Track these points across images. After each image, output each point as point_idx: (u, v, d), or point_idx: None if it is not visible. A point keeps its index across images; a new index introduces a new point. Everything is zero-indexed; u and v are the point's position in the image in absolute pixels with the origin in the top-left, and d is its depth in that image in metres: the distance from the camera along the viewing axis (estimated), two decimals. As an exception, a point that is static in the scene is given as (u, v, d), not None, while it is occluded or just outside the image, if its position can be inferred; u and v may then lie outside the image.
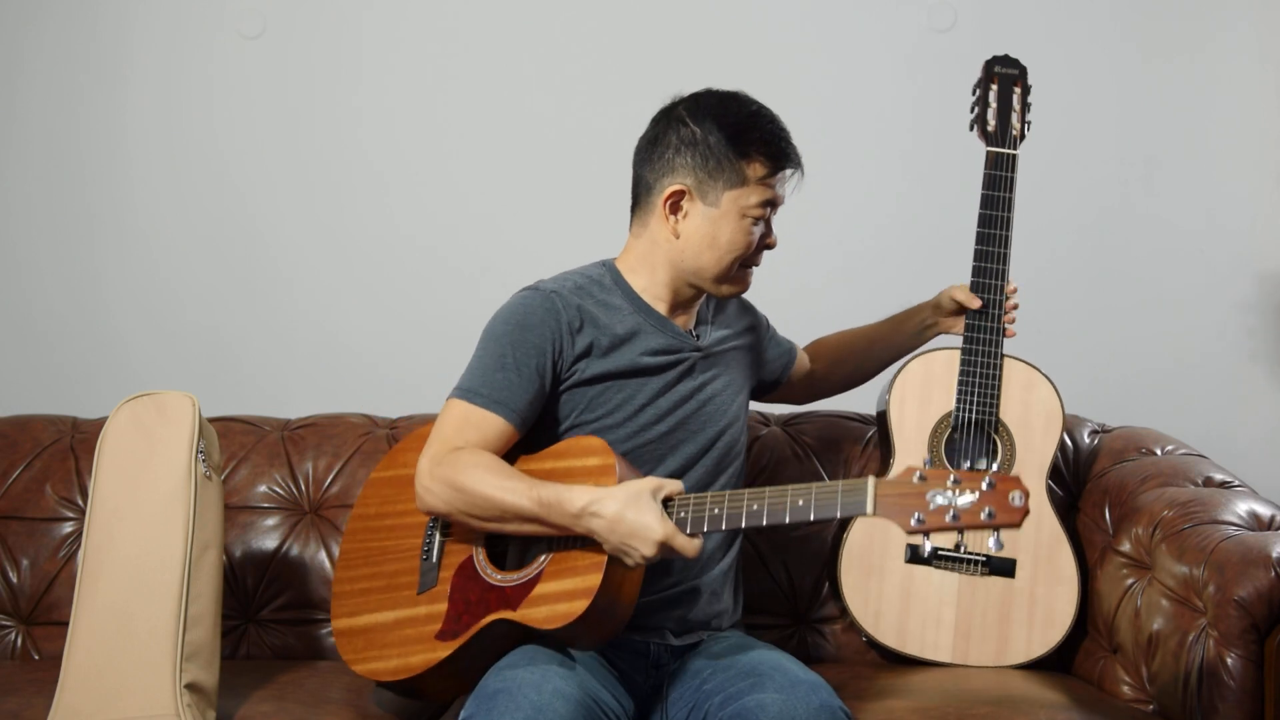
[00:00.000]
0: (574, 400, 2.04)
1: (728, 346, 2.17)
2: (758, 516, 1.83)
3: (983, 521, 1.70)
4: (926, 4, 2.94)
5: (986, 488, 1.71)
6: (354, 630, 2.01)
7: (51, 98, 2.96)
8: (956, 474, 1.73)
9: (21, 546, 2.41)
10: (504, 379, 1.97)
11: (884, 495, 1.76)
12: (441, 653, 1.91)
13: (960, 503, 1.71)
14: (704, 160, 2.01)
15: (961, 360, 2.32)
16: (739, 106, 2.05)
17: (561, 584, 1.88)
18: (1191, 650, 2.04)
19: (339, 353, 2.97)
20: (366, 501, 2.13)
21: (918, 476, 1.74)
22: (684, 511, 1.87)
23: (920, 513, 1.72)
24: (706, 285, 2.07)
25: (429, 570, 1.99)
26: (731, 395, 2.15)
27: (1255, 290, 2.94)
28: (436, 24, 2.97)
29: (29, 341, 2.98)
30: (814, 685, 1.83)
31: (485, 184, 2.97)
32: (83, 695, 1.93)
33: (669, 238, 2.04)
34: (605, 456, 1.92)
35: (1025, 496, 1.70)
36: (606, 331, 2.04)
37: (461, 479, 1.90)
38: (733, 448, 2.14)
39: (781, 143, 2.04)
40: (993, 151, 2.32)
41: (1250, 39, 2.94)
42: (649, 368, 2.05)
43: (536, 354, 1.99)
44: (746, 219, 2.02)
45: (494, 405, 1.97)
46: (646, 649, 2.03)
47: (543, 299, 2.02)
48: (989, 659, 2.25)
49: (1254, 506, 2.19)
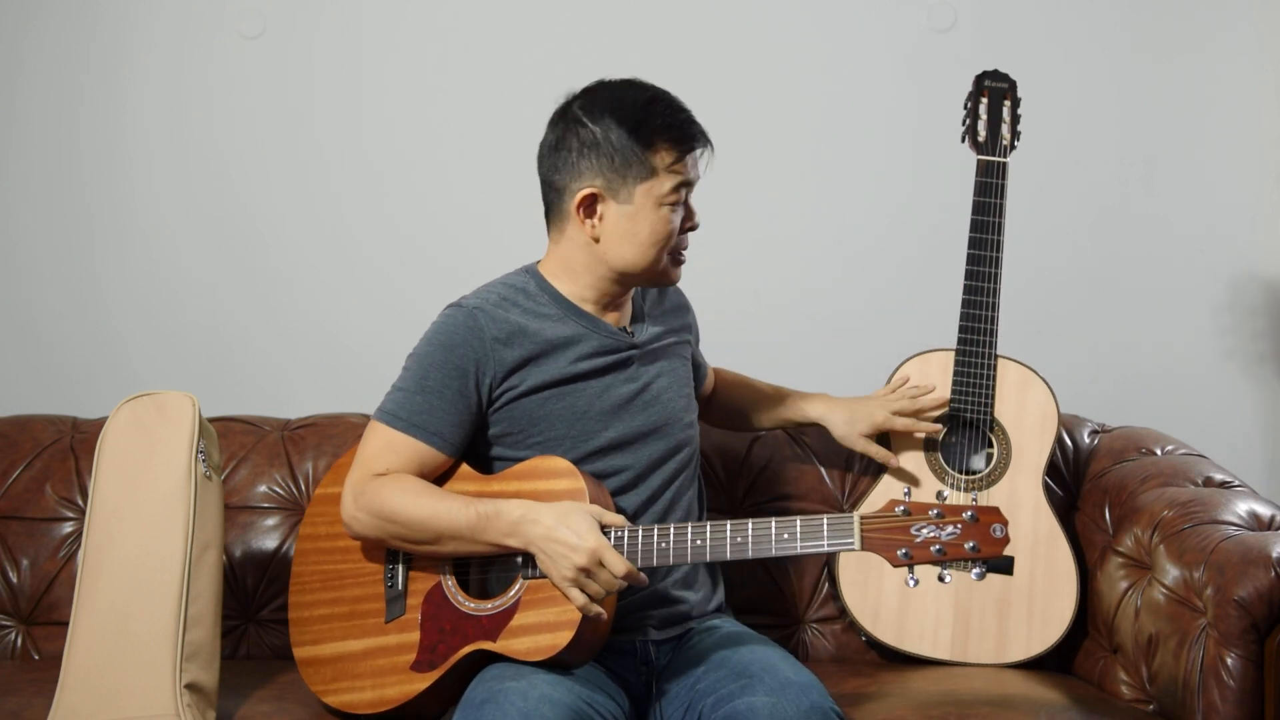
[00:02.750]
0: (514, 416, 2.00)
1: (667, 342, 2.14)
2: (742, 549, 1.85)
3: (967, 553, 1.78)
4: (926, 4, 2.94)
5: (969, 519, 1.79)
6: (320, 659, 1.99)
7: (51, 98, 2.96)
8: (938, 506, 1.79)
9: (21, 546, 2.41)
10: (424, 402, 1.95)
11: (869, 531, 1.81)
12: (419, 684, 1.90)
13: (944, 536, 1.79)
14: (609, 160, 1.97)
15: (956, 361, 2.33)
16: (634, 95, 2.00)
17: (542, 614, 1.86)
18: (1191, 650, 2.04)
19: (339, 353, 2.97)
20: (315, 520, 2.08)
21: (901, 510, 1.80)
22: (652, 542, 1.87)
23: (906, 548, 1.79)
24: (637, 281, 2.05)
25: (395, 598, 1.96)
26: (677, 389, 2.12)
27: (1256, 290, 2.94)
28: (436, 24, 2.96)
29: (29, 341, 2.98)
30: (804, 686, 1.83)
31: (485, 184, 2.97)
32: (83, 695, 1.93)
33: (588, 242, 2.01)
34: (574, 480, 1.91)
35: (1005, 527, 1.78)
36: (537, 339, 2.00)
37: (388, 507, 1.90)
38: (686, 445, 2.11)
39: (684, 125, 1.98)
40: (983, 160, 2.35)
41: (1250, 39, 2.94)
42: (586, 372, 2.02)
43: (459, 375, 1.96)
44: (664, 208, 1.99)
45: (414, 430, 1.95)
46: (633, 647, 2.02)
47: (465, 316, 1.99)
48: (988, 657, 2.25)
49: (1254, 506, 2.19)
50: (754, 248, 2.94)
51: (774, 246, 2.93)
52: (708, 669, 1.93)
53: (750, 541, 1.85)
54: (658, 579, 2.02)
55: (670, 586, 2.05)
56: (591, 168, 1.98)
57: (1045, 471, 2.33)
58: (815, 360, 2.90)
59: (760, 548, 1.85)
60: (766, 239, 2.91)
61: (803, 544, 1.84)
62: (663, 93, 2.01)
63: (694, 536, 1.86)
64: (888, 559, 1.79)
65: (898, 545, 1.79)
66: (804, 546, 1.83)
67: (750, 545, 1.85)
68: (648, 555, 1.86)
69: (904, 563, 1.79)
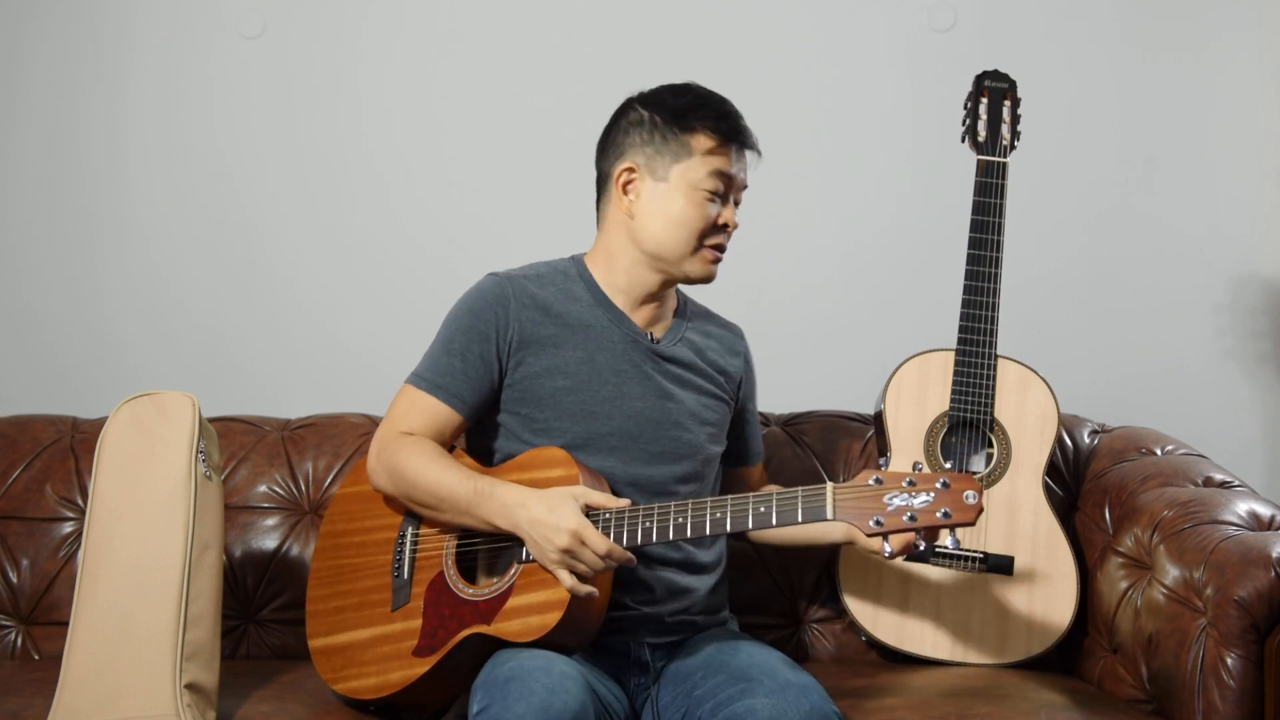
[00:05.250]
0: (521, 394, 2.05)
1: (698, 368, 2.12)
2: (720, 524, 1.87)
3: (939, 520, 1.78)
4: (926, 4, 2.94)
5: (940, 487, 1.78)
6: (331, 649, 2.04)
7: (51, 98, 2.96)
8: (911, 475, 1.80)
9: (21, 546, 2.41)
10: (448, 364, 2.04)
11: (842, 500, 1.81)
12: (419, 668, 1.93)
13: (915, 503, 1.78)
14: (650, 136, 2.04)
15: (956, 361, 2.33)
16: (689, 90, 2.08)
17: (533, 596, 1.90)
18: (1191, 650, 2.04)
19: (339, 353, 2.97)
20: (334, 518, 2.14)
21: (874, 479, 1.81)
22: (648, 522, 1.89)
23: (879, 515, 1.79)
24: (668, 266, 2.07)
25: (401, 587, 2.01)
26: (690, 420, 2.10)
27: (1256, 290, 2.94)
28: (436, 24, 2.97)
29: (29, 341, 2.98)
30: (804, 688, 1.83)
31: (485, 184, 2.97)
32: (82, 695, 1.93)
33: (624, 219, 2.07)
34: (569, 467, 1.96)
35: (979, 495, 1.78)
36: (559, 320, 2.06)
37: (402, 466, 1.99)
38: (695, 475, 2.10)
39: (729, 118, 2.05)
40: (983, 160, 2.35)
41: (1250, 39, 2.94)
42: (597, 359, 2.06)
43: (480, 339, 2.04)
44: (699, 192, 2.02)
45: (437, 390, 2.04)
46: (626, 649, 2.03)
47: (495, 283, 2.07)
48: (988, 657, 2.25)
49: (1254, 506, 2.19)
50: (754, 247, 2.93)
51: (774, 246, 2.93)
52: (705, 674, 1.93)
53: (729, 516, 1.87)
54: (658, 593, 2.04)
55: (669, 598, 2.06)
56: (634, 145, 2.06)
57: (1045, 471, 2.33)
58: (815, 361, 2.91)
59: (738, 522, 1.87)
60: (766, 239, 2.91)
61: (779, 515, 1.85)
62: (719, 95, 2.08)
63: (675, 515, 1.89)
64: (860, 528, 1.80)
65: (870, 514, 1.79)
66: (780, 518, 1.85)
67: (729, 520, 1.87)
68: (633, 535, 1.89)
69: (876, 531, 1.79)
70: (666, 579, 2.05)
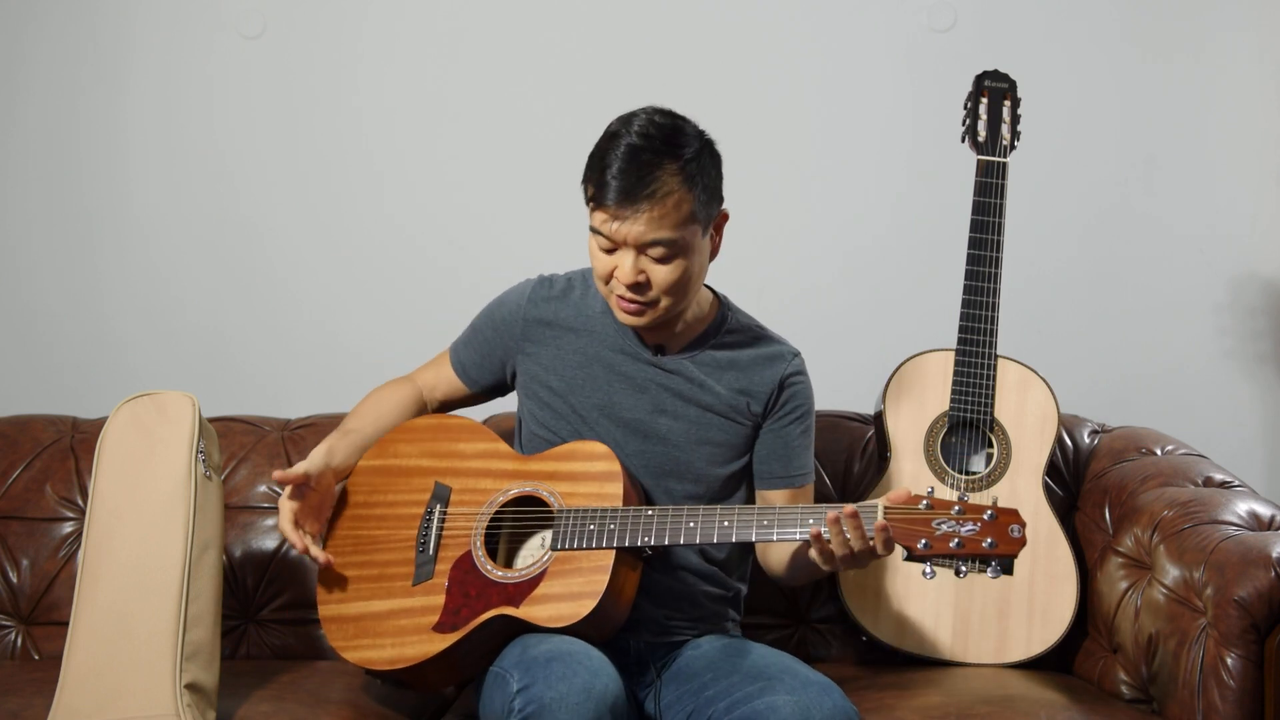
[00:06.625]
0: (527, 394, 2.15)
1: (702, 388, 2.09)
2: (768, 530, 1.90)
3: (984, 550, 1.81)
4: (926, 4, 2.94)
5: (988, 519, 1.81)
6: (344, 618, 2.03)
7: (51, 98, 2.96)
8: (960, 504, 1.82)
9: (21, 546, 2.41)
10: (468, 338, 2.23)
11: (894, 520, 1.83)
12: (439, 645, 1.93)
13: (964, 531, 1.82)
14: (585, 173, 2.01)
15: (956, 361, 2.33)
16: (610, 136, 1.97)
17: (567, 584, 1.91)
18: (1191, 650, 2.04)
19: (339, 353, 2.97)
20: (355, 489, 2.14)
21: (925, 504, 1.83)
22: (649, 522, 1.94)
23: (927, 539, 1.82)
24: None
25: (425, 563, 2.01)
26: (684, 438, 2.08)
27: (1256, 290, 2.94)
28: (437, 25, 2.96)
29: (29, 341, 2.98)
30: (825, 686, 1.84)
31: (486, 185, 2.97)
32: (82, 695, 1.93)
33: None
34: (610, 463, 2.00)
35: (1023, 529, 1.81)
36: (564, 326, 2.12)
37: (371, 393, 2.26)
38: (693, 494, 2.08)
39: (606, 175, 1.92)
40: (983, 159, 2.35)
41: (1250, 39, 2.94)
42: (592, 367, 2.09)
43: (492, 326, 2.18)
44: (593, 239, 1.99)
45: (452, 353, 2.25)
46: (626, 645, 2.03)
47: (529, 286, 2.18)
48: (988, 656, 2.25)
49: (1254, 506, 2.19)
50: (754, 247, 2.93)
51: (774, 246, 2.93)
52: (716, 675, 1.93)
53: (776, 526, 1.90)
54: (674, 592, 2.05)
55: (672, 610, 2.06)
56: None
57: (1045, 471, 2.33)
58: (815, 361, 2.89)
59: (786, 532, 1.89)
60: (766, 238, 2.91)
61: (805, 528, 1.87)
62: (634, 142, 1.93)
63: (721, 519, 1.92)
64: (907, 547, 1.83)
65: (919, 536, 1.82)
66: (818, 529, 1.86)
67: (776, 529, 1.90)
68: (652, 534, 1.92)
69: (923, 553, 1.82)
70: (678, 583, 2.06)
